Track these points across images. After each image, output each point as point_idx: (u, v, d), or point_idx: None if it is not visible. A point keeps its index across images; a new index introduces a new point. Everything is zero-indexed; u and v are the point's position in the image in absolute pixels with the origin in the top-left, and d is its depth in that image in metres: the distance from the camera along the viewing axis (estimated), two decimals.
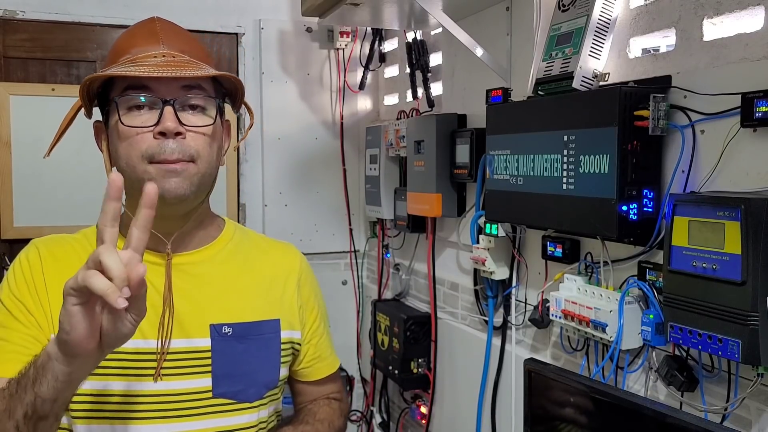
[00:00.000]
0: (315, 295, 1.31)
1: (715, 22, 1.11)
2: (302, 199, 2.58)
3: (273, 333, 1.19)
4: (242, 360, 1.14)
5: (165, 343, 1.08)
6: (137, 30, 1.13)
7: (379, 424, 2.48)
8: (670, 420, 1.03)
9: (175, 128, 1.04)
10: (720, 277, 0.98)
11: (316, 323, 1.29)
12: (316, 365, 1.29)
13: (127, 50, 1.08)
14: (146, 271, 0.83)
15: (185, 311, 1.11)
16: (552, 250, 1.44)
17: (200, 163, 1.07)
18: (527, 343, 1.61)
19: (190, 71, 1.05)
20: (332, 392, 1.33)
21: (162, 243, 1.11)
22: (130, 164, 1.05)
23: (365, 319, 2.59)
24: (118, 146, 1.06)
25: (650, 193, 1.18)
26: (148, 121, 1.04)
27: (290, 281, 1.26)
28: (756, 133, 1.02)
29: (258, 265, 1.24)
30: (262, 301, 1.21)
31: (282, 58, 2.53)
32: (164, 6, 2.32)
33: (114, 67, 1.06)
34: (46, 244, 1.16)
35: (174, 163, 1.04)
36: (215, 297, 1.16)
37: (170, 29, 1.13)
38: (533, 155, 1.38)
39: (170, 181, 1.04)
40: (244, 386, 1.14)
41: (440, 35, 2.05)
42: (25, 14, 2.26)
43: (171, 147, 1.04)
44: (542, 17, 1.45)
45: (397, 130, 2.10)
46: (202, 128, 1.08)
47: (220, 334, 1.13)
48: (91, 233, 1.18)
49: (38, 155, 2.19)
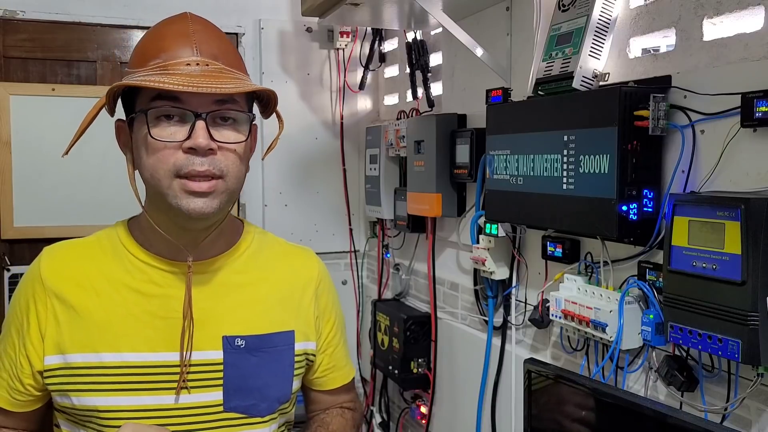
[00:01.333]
0: (333, 304, 1.27)
1: (715, 22, 1.11)
2: (302, 199, 2.58)
3: (287, 345, 1.16)
4: (254, 374, 1.11)
5: (186, 356, 1.06)
6: (168, 30, 1.05)
7: (379, 424, 2.48)
8: (670, 420, 1.03)
9: (207, 145, 0.99)
10: (720, 277, 0.98)
11: (332, 333, 1.25)
12: (330, 375, 1.26)
13: (157, 53, 1.01)
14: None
15: (199, 323, 1.09)
16: (552, 250, 1.44)
17: (229, 179, 1.03)
18: (527, 343, 1.61)
19: (224, 84, 0.99)
20: (346, 401, 1.31)
21: (182, 252, 1.08)
22: (155, 177, 1.01)
23: (365, 319, 2.59)
24: (144, 156, 1.02)
25: (650, 193, 1.18)
26: (178, 134, 1.00)
27: (308, 290, 1.22)
28: (756, 133, 1.02)
29: (275, 274, 1.20)
30: (278, 312, 1.17)
31: (282, 58, 2.53)
32: (164, 6, 2.32)
33: (144, 73, 1.00)
34: (49, 257, 1.13)
35: (203, 177, 1.00)
36: (230, 308, 1.12)
37: (203, 30, 1.05)
38: (533, 155, 1.38)
39: (197, 202, 1.00)
40: (256, 401, 1.11)
41: (440, 35, 2.05)
42: (25, 14, 2.26)
43: (200, 162, 1.00)
44: (542, 17, 1.45)
45: (397, 130, 2.10)
46: (235, 145, 1.04)
47: (233, 346, 1.10)
48: (105, 237, 1.14)
49: (38, 155, 2.23)
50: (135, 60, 1.05)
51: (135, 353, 1.06)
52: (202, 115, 0.99)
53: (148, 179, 1.03)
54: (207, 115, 1.00)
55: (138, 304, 1.08)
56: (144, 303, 1.08)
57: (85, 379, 1.05)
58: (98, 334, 1.06)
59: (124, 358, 1.06)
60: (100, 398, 1.05)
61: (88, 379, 1.05)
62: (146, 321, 1.07)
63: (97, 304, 1.07)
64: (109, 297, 1.08)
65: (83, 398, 1.05)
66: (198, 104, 1.00)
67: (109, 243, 1.13)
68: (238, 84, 1.01)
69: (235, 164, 1.04)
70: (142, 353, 1.06)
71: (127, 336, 1.06)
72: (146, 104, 1.01)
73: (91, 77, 2.35)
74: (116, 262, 1.10)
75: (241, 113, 1.05)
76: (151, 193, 1.06)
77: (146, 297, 1.08)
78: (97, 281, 1.09)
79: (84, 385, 1.05)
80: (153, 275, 1.09)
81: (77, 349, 1.06)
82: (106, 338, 1.06)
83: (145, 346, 1.07)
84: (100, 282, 1.09)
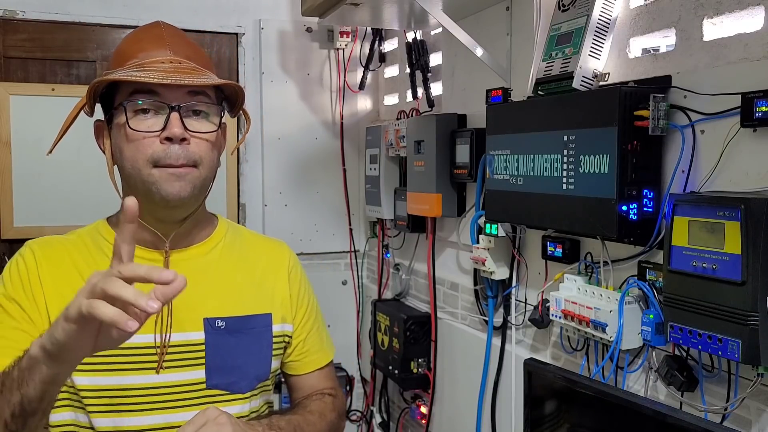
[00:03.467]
0: (305, 290, 1.35)
1: (715, 22, 1.11)
2: (302, 199, 2.58)
3: (264, 327, 1.24)
4: (234, 353, 1.19)
5: (165, 338, 1.13)
6: (143, 34, 1.16)
7: (379, 424, 2.48)
8: (670, 420, 1.03)
9: (181, 134, 1.08)
10: (720, 277, 0.98)
11: (305, 318, 1.33)
12: (305, 359, 1.33)
13: (135, 54, 1.11)
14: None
15: (180, 306, 1.14)
16: (552, 250, 1.44)
17: (202, 168, 1.11)
18: (527, 343, 1.61)
19: (196, 78, 1.08)
20: (326, 388, 1.36)
21: (160, 241, 1.16)
22: (136, 167, 1.09)
23: (365, 319, 2.58)
24: (124, 148, 1.10)
25: (650, 193, 1.18)
26: (155, 125, 1.08)
27: (281, 275, 1.30)
28: (756, 133, 1.02)
29: (250, 261, 1.28)
30: (255, 296, 1.25)
31: (282, 58, 2.53)
32: (164, 6, 2.33)
33: (123, 71, 1.09)
34: (40, 245, 1.19)
35: (179, 167, 1.08)
36: (209, 292, 1.20)
37: (176, 34, 1.16)
38: (533, 155, 1.38)
39: (174, 185, 1.08)
40: (236, 378, 1.19)
41: (440, 35, 2.05)
42: (25, 14, 2.26)
43: (176, 152, 1.08)
44: (542, 17, 1.45)
45: (397, 130, 2.10)
46: (206, 134, 1.12)
47: (214, 327, 1.18)
48: (86, 234, 1.21)
49: (38, 155, 2.22)
50: (113, 62, 1.15)
51: None
52: (176, 107, 1.08)
53: (128, 170, 1.10)
54: (181, 107, 1.09)
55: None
56: None
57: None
58: None
59: None
60: (84, 378, 1.10)
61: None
62: None
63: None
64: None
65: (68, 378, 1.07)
66: (172, 98, 1.09)
67: (92, 239, 1.20)
68: (209, 78, 1.11)
69: (207, 153, 1.12)
70: None
71: None
72: (124, 99, 1.09)
73: (91, 77, 2.35)
74: (101, 254, 1.17)
75: (212, 105, 1.14)
76: (131, 185, 1.12)
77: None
78: (85, 273, 1.12)
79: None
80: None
81: None
82: None
83: None
84: (87, 272, 1.11)
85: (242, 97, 1.19)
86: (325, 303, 1.43)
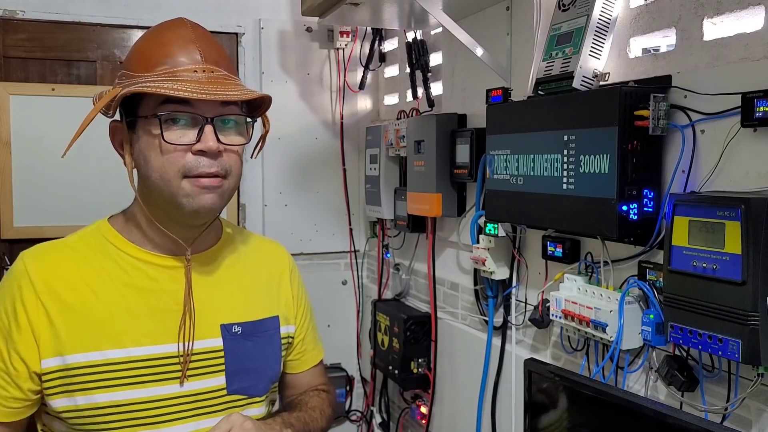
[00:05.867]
0: (302, 289, 1.37)
1: (716, 21, 1.11)
2: (302, 199, 2.58)
3: (274, 329, 1.25)
4: (251, 357, 1.19)
5: (188, 346, 1.13)
6: (170, 35, 1.10)
7: (379, 424, 2.48)
8: (670, 420, 1.03)
9: (216, 148, 1.06)
10: (720, 277, 0.98)
11: (304, 317, 1.34)
12: (303, 357, 1.35)
13: (163, 60, 1.07)
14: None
15: (199, 313, 1.15)
16: (552, 250, 1.44)
17: (231, 178, 1.11)
18: (527, 343, 1.61)
19: (231, 91, 1.06)
20: (320, 384, 1.39)
21: (179, 247, 1.14)
22: (165, 178, 1.06)
23: (365, 319, 2.58)
24: (152, 158, 1.06)
25: (650, 193, 1.18)
26: (186, 137, 1.06)
27: (284, 278, 1.31)
28: (756, 133, 1.02)
29: (256, 264, 1.28)
30: (263, 299, 1.26)
31: (282, 57, 2.53)
32: (164, 6, 2.32)
33: (154, 79, 1.05)
34: (33, 258, 1.13)
35: (211, 177, 1.07)
36: (223, 297, 1.19)
37: (203, 35, 1.12)
38: (533, 155, 1.38)
39: (206, 198, 1.07)
40: (254, 382, 1.20)
41: (440, 35, 2.05)
42: (25, 14, 2.26)
43: (208, 163, 1.07)
44: (542, 17, 1.45)
45: (397, 130, 2.10)
46: (238, 147, 1.11)
47: (231, 333, 1.18)
48: (89, 236, 1.17)
49: (38, 155, 2.23)
50: (138, 64, 1.08)
51: (139, 347, 1.10)
52: (210, 120, 1.06)
53: (155, 180, 1.07)
54: (214, 120, 1.06)
55: (136, 299, 1.12)
56: (142, 298, 1.12)
57: (91, 377, 1.07)
58: (101, 332, 1.09)
59: (129, 353, 1.09)
60: (107, 394, 1.08)
61: (93, 377, 1.07)
62: (146, 315, 1.12)
63: (95, 303, 1.10)
64: (107, 294, 1.11)
65: (90, 396, 1.07)
66: (206, 109, 1.06)
67: (96, 242, 1.16)
68: (242, 90, 1.09)
69: (237, 164, 1.12)
70: (145, 347, 1.10)
71: (129, 331, 1.10)
72: (153, 108, 1.06)
73: (91, 77, 2.36)
74: (108, 260, 1.13)
75: (242, 116, 1.13)
76: (155, 193, 1.09)
77: (143, 292, 1.13)
78: (92, 280, 1.11)
79: (90, 383, 1.07)
80: (149, 271, 1.14)
81: (78, 350, 1.07)
82: (109, 335, 1.09)
83: (148, 339, 1.11)
84: (96, 281, 1.11)
85: (268, 105, 1.18)
86: (325, 303, 1.44)
